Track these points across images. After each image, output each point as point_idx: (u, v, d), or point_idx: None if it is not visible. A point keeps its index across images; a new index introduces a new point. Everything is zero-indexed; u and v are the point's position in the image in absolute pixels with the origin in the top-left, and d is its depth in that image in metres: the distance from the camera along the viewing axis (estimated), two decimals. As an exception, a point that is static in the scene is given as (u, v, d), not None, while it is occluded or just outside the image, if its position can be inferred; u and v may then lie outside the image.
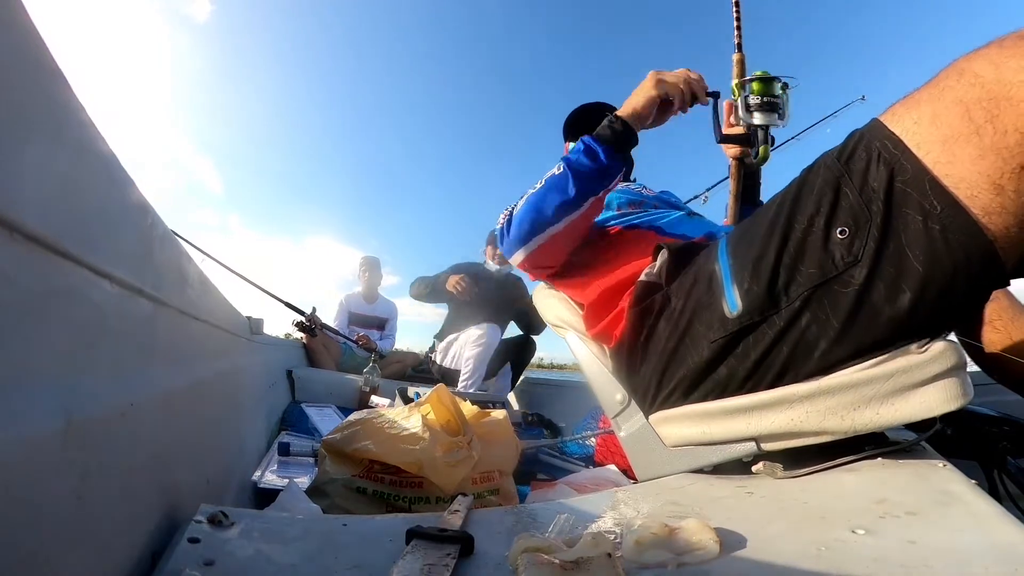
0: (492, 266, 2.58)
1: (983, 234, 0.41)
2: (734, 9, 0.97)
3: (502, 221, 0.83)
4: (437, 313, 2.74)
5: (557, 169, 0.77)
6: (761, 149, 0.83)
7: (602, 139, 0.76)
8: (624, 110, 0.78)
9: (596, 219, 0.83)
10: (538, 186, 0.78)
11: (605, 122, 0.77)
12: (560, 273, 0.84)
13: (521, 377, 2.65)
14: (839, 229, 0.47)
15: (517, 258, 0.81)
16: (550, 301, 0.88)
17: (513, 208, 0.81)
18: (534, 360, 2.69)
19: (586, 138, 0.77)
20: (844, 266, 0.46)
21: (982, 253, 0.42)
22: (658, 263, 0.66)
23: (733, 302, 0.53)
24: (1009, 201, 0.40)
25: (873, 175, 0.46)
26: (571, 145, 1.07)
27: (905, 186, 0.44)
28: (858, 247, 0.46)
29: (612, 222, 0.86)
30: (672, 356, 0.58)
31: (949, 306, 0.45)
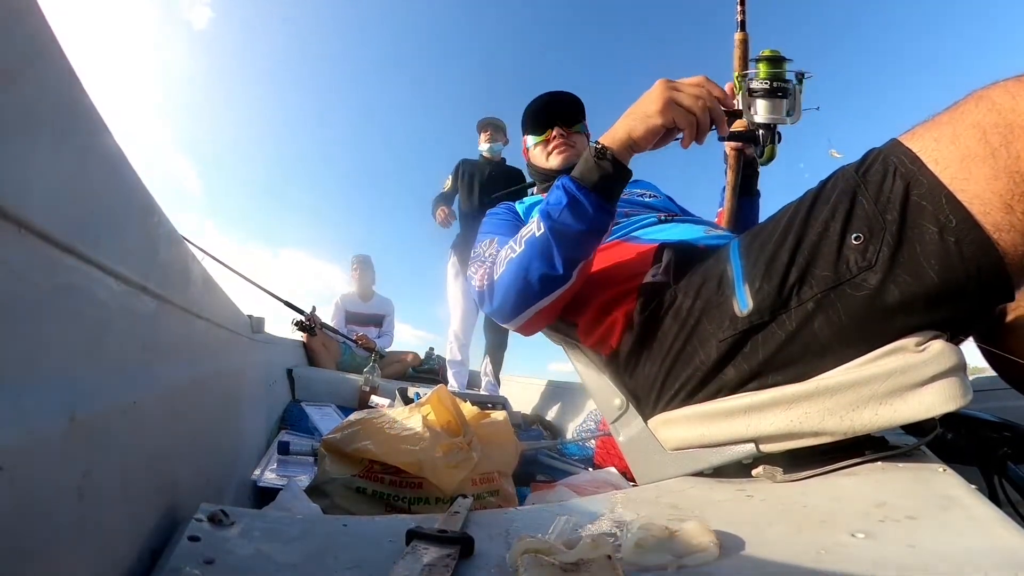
0: (485, 147, 2.55)
1: (995, 249, 0.43)
2: None
3: (480, 283, 0.73)
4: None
5: (537, 229, 0.63)
6: (767, 149, 0.75)
7: (588, 184, 0.61)
8: (617, 138, 0.60)
9: None
10: (518, 249, 0.66)
11: (592, 159, 0.61)
12: None
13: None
14: (854, 235, 0.48)
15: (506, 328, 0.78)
16: None
17: (492, 268, 0.71)
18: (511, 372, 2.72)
19: (569, 184, 0.61)
20: (858, 270, 0.47)
21: (993, 267, 0.43)
22: (664, 262, 0.65)
23: (744, 301, 0.53)
24: (1018, 220, 0.42)
25: (889, 187, 0.47)
26: (530, 139, 0.96)
27: (921, 199, 0.45)
28: (872, 253, 0.47)
29: None
30: (679, 356, 0.58)
31: (958, 316, 0.47)
